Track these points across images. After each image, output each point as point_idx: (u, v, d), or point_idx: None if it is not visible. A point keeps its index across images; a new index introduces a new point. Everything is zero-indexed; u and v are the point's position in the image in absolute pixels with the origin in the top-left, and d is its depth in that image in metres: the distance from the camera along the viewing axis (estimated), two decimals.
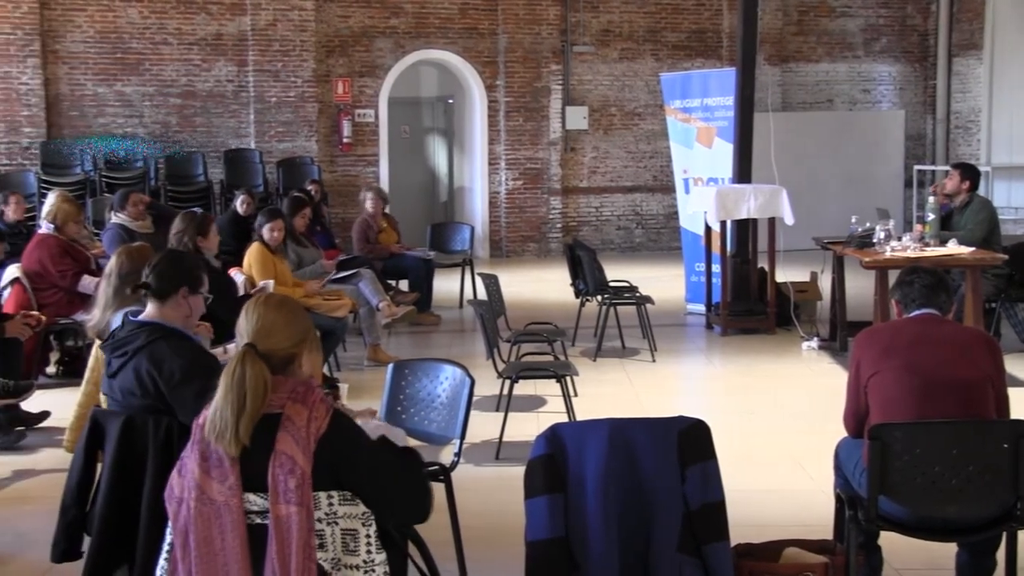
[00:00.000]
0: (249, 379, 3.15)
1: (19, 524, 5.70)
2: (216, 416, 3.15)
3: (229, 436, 3.13)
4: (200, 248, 7.31)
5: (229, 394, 3.14)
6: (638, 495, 3.59)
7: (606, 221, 18.33)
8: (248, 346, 3.23)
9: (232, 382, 3.15)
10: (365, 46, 16.93)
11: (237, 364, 3.17)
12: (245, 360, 3.18)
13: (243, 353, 3.20)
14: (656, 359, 9.58)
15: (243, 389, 3.14)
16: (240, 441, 3.12)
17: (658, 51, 18.10)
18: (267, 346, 3.25)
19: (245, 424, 3.13)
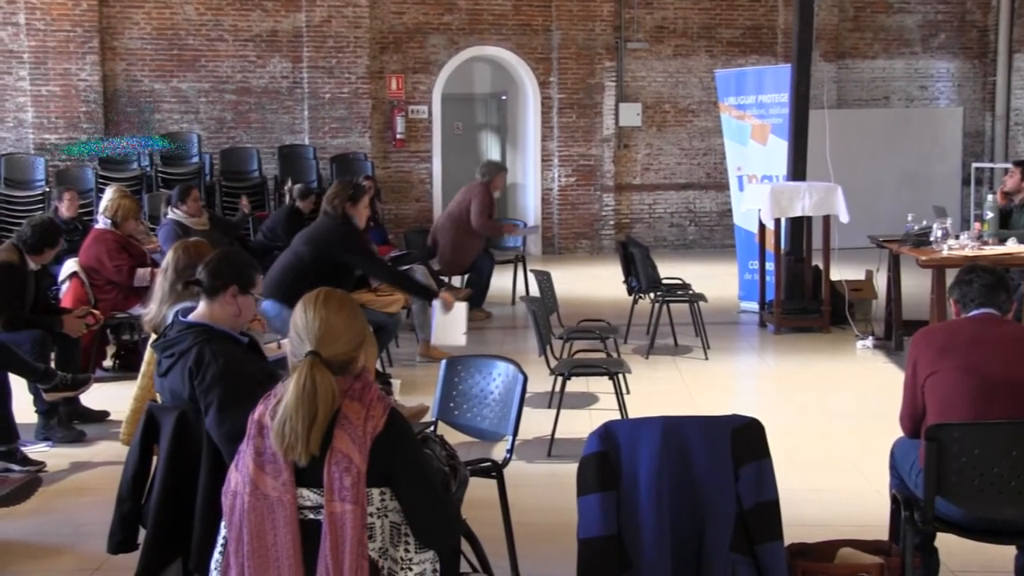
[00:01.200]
0: (320, 391, 3.13)
1: (77, 515, 5.78)
2: (285, 428, 3.12)
3: (300, 448, 3.11)
4: (348, 214, 7.50)
5: (300, 407, 3.11)
6: (691, 493, 3.56)
7: (659, 218, 18.25)
8: (313, 355, 3.21)
9: (303, 394, 3.12)
10: (419, 42, 16.97)
11: (306, 376, 3.15)
12: (313, 371, 3.16)
13: (310, 363, 3.17)
14: (709, 357, 9.53)
15: (314, 401, 3.12)
16: (311, 452, 3.12)
17: (712, 47, 17.99)
18: (330, 352, 3.23)
19: (316, 435, 3.12)
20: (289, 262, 7.65)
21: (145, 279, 8.65)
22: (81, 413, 7.45)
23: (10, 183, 14.56)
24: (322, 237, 7.68)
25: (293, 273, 7.49)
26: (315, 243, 7.68)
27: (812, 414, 7.77)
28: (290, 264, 7.61)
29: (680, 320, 10.08)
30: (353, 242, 7.76)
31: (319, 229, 7.87)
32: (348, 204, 7.77)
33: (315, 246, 7.64)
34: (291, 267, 7.58)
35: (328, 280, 6.47)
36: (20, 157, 15.01)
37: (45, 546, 5.36)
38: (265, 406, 3.27)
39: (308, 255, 7.63)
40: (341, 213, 7.71)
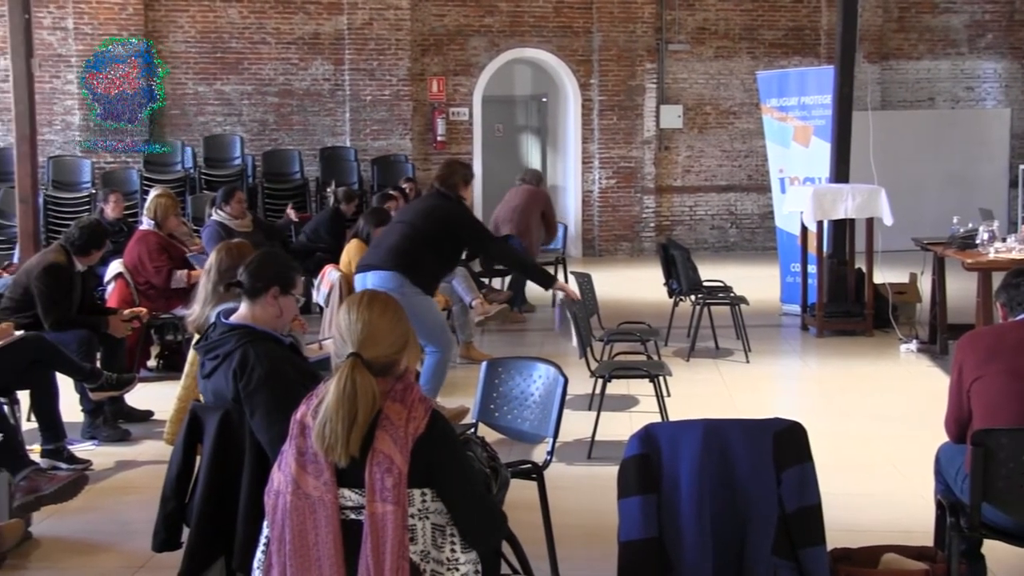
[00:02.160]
0: (360, 393, 3.14)
1: (122, 513, 5.83)
2: (325, 429, 3.13)
3: (340, 449, 3.13)
4: (462, 196, 7.43)
5: (340, 408, 3.12)
6: (732, 497, 3.54)
7: (700, 220, 18.19)
8: (355, 356, 3.22)
9: (343, 396, 3.13)
10: (460, 45, 17.01)
11: (347, 378, 3.16)
12: (354, 372, 3.16)
13: (351, 365, 3.17)
14: (750, 360, 9.48)
15: (355, 403, 3.13)
16: (350, 453, 3.14)
17: (754, 49, 17.91)
18: (372, 354, 3.23)
19: (355, 436, 3.13)
20: (405, 235, 7.24)
21: (182, 281, 8.72)
22: (126, 412, 7.52)
23: (57, 185, 14.73)
24: (448, 216, 7.28)
25: (411, 244, 7.14)
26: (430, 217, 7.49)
27: (855, 418, 7.71)
28: (407, 236, 7.22)
29: (721, 323, 10.03)
30: (476, 223, 7.63)
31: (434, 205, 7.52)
32: (462, 185, 7.59)
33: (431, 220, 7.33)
34: (408, 239, 7.19)
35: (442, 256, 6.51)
36: (67, 159, 15.18)
37: (91, 543, 5.41)
38: (307, 406, 3.28)
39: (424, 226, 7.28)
40: (457, 195, 7.48)
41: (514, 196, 12.01)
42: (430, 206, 7.39)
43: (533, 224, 11.80)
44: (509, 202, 11.99)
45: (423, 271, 7.02)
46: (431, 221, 7.21)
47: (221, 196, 10.31)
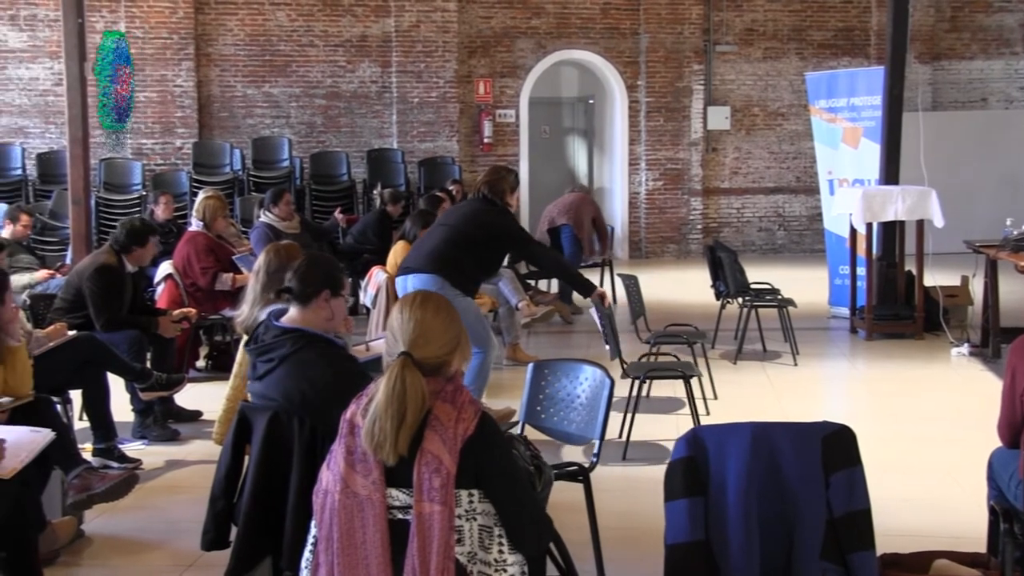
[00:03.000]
0: (409, 392, 3.15)
1: (171, 512, 5.89)
2: (375, 428, 3.15)
3: (388, 448, 3.14)
4: (508, 203, 7.44)
5: (389, 407, 3.14)
6: (780, 500, 3.52)
7: (747, 222, 18.09)
8: (405, 355, 3.23)
9: (392, 395, 3.15)
10: (507, 46, 17.03)
11: (397, 377, 3.17)
12: (404, 371, 3.18)
13: (401, 364, 3.19)
14: (798, 363, 9.41)
15: (404, 402, 3.14)
16: (398, 452, 3.15)
17: (803, 50, 17.79)
18: (423, 354, 3.24)
19: (404, 436, 3.14)
20: (447, 238, 7.23)
21: (226, 284, 8.79)
22: (175, 412, 7.59)
23: (109, 187, 14.90)
24: (492, 222, 7.26)
25: (452, 248, 7.12)
26: (473, 222, 7.44)
27: (905, 421, 7.63)
28: (448, 240, 7.20)
29: (769, 325, 9.97)
30: (519, 229, 7.58)
31: (477, 210, 7.46)
32: (508, 192, 7.58)
33: (475, 224, 7.30)
34: (450, 242, 7.17)
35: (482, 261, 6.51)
36: (118, 162, 15.35)
37: (142, 541, 5.47)
38: (357, 405, 3.30)
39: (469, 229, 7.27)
40: (503, 201, 7.49)
41: (566, 197, 12.33)
42: (474, 210, 7.37)
43: (586, 223, 11.94)
44: (563, 199, 12.32)
45: (463, 274, 7.01)
46: (474, 226, 7.19)
47: (269, 198, 10.39)
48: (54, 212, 13.61)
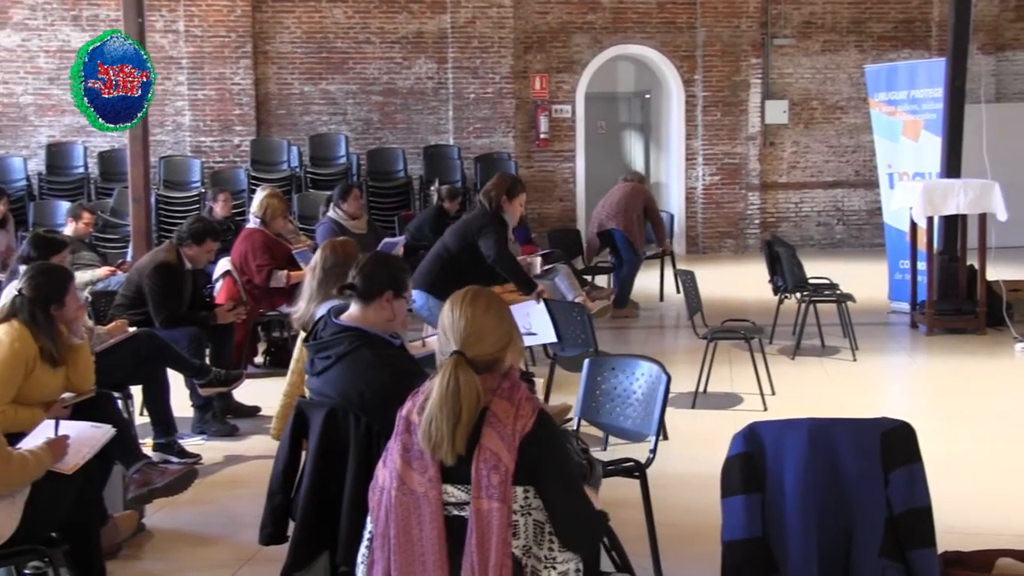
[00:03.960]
0: (463, 391, 3.15)
1: (230, 507, 5.94)
2: (431, 428, 3.15)
3: (446, 448, 3.15)
4: (502, 208, 7.56)
5: (444, 407, 3.14)
6: (839, 497, 3.48)
7: (805, 217, 17.92)
8: (458, 354, 3.23)
9: (447, 394, 3.15)
10: (563, 42, 17.00)
11: (450, 376, 3.17)
12: (457, 370, 3.18)
13: (454, 363, 3.19)
14: (857, 358, 9.31)
15: (458, 401, 3.14)
16: (456, 451, 3.15)
17: (862, 42, 17.58)
18: (475, 352, 3.24)
19: (460, 434, 3.14)
20: (436, 253, 7.66)
21: (281, 281, 8.85)
22: (234, 408, 7.67)
23: (168, 184, 15.07)
24: (469, 226, 7.67)
25: (439, 263, 7.49)
26: (461, 233, 7.68)
27: (967, 418, 7.53)
28: (437, 255, 7.62)
29: (827, 320, 9.88)
30: (492, 229, 7.68)
31: (468, 219, 7.88)
32: (504, 198, 7.70)
33: (460, 236, 7.65)
34: (438, 257, 7.58)
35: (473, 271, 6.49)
36: (177, 159, 15.53)
37: (201, 535, 5.53)
38: (413, 403, 3.31)
39: (454, 246, 7.64)
40: (497, 206, 7.63)
41: (615, 192, 11.95)
42: (464, 221, 7.62)
43: (634, 219, 11.69)
44: (610, 197, 11.94)
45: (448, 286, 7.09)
46: (456, 237, 7.49)
47: (338, 193, 10.37)
48: (115, 210, 13.79)
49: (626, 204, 11.65)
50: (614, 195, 11.86)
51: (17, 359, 4.86)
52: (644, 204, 11.78)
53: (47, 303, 4.98)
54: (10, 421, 4.69)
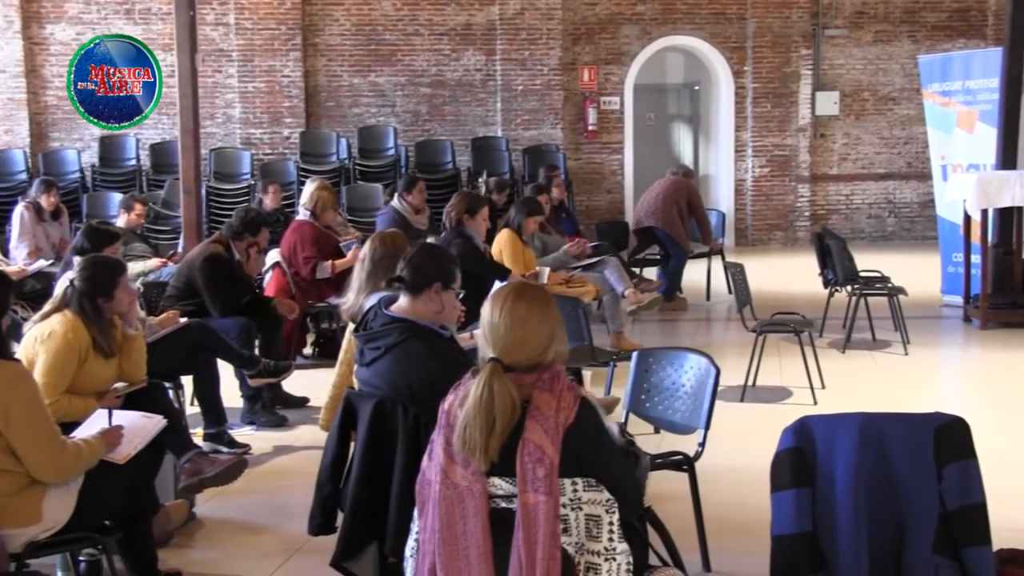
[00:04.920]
0: (497, 401, 3.15)
1: (279, 497, 5.99)
2: (466, 433, 3.16)
3: (479, 455, 3.15)
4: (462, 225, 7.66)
5: (478, 416, 3.15)
6: (891, 493, 3.45)
7: (856, 209, 17.75)
8: (495, 362, 3.22)
9: (480, 404, 3.15)
10: (611, 33, 16.93)
11: (484, 385, 3.16)
12: (492, 380, 3.17)
13: (490, 372, 3.19)
14: (909, 352, 9.21)
15: (491, 412, 3.14)
16: (489, 458, 3.15)
17: (916, 32, 17.37)
18: (514, 359, 3.24)
19: (494, 444, 3.14)
20: None
21: (326, 272, 8.89)
22: (283, 398, 7.71)
23: (219, 176, 15.19)
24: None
25: None
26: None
27: (1022, 413, 7.42)
28: None
29: (878, 314, 9.78)
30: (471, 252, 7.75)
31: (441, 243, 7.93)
32: (466, 217, 7.86)
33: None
34: None
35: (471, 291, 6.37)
36: (228, 151, 15.64)
37: (251, 525, 5.58)
38: (455, 396, 3.30)
39: None
40: (456, 224, 7.84)
41: (656, 187, 11.83)
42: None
43: (676, 214, 11.50)
44: (650, 192, 11.83)
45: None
46: None
47: (403, 185, 10.39)
48: (166, 201, 13.91)
49: (664, 199, 11.49)
50: (654, 190, 11.73)
51: (71, 349, 4.92)
52: (687, 199, 11.64)
53: (95, 295, 5.03)
54: (64, 411, 4.75)
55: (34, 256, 10.19)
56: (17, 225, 10.49)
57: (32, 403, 3.99)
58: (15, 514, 3.96)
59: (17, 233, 10.45)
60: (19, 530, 3.98)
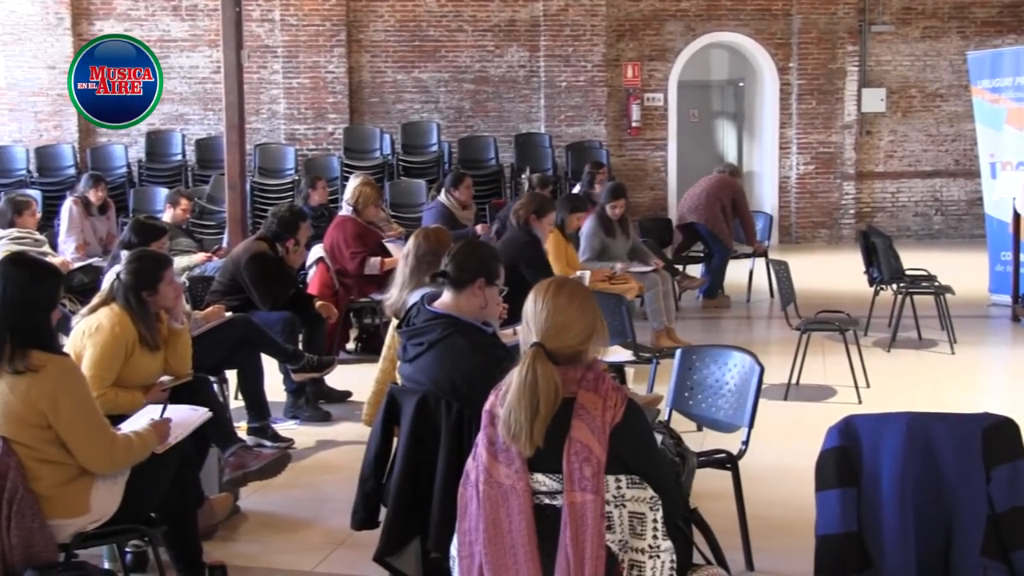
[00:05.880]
0: (541, 383, 3.15)
1: (322, 491, 6.02)
2: (510, 419, 3.17)
3: (524, 439, 3.15)
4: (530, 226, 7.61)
5: (522, 399, 3.15)
6: (938, 494, 3.41)
7: (902, 207, 17.59)
8: (537, 346, 3.22)
9: (524, 386, 3.16)
10: (655, 30, 16.87)
11: (528, 368, 3.17)
12: (536, 363, 3.18)
13: (533, 355, 3.20)
14: (955, 352, 9.12)
15: (535, 393, 3.15)
16: (535, 443, 3.15)
17: (965, 28, 17.17)
18: (556, 345, 3.24)
19: (539, 427, 3.15)
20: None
21: (375, 268, 8.90)
22: (326, 393, 7.75)
23: (263, 171, 15.27)
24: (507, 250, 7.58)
25: None
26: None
27: None
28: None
29: (924, 313, 9.69)
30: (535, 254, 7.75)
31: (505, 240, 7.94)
32: (533, 216, 7.84)
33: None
34: None
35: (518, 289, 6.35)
36: (272, 147, 15.73)
37: (294, 519, 5.61)
38: (496, 396, 3.31)
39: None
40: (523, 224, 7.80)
41: (700, 183, 11.77)
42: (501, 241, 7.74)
43: (719, 211, 11.42)
44: (694, 189, 11.79)
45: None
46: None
47: (450, 180, 10.41)
48: (212, 196, 14.01)
49: (708, 196, 11.44)
50: (699, 186, 11.69)
51: (118, 343, 4.97)
52: (732, 197, 11.56)
53: (141, 289, 5.08)
54: (111, 404, 4.79)
55: (82, 251, 10.29)
56: (66, 219, 10.60)
57: (81, 396, 4.03)
58: (64, 505, 4.01)
59: (66, 227, 10.56)
60: (68, 521, 4.03)
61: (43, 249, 9.65)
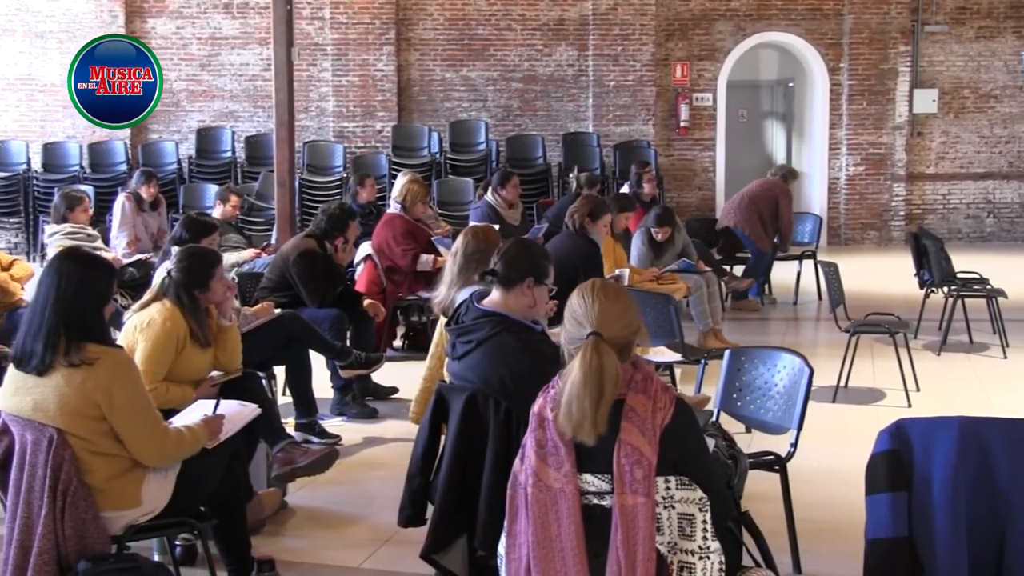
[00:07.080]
0: (606, 368, 3.16)
1: (369, 488, 6.05)
2: (573, 407, 3.16)
3: (588, 425, 3.15)
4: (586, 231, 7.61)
5: (588, 384, 3.15)
6: (991, 499, 3.38)
7: (954, 209, 17.39)
8: (596, 335, 3.23)
9: (590, 371, 3.15)
10: (705, 29, 16.80)
11: (591, 354, 3.18)
12: (598, 349, 3.18)
13: (593, 343, 3.20)
14: (1008, 356, 9.01)
15: (600, 378, 3.15)
16: (598, 429, 3.15)
17: (1021, 28, 16.93)
18: (611, 334, 3.25)
19: (602, 412, 3.15)
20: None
21: (428, 265, 8.92)
22: (373, 389, 7.77)
23: (312, 169, 15.37)
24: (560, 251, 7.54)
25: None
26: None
27: None
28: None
29: (976, 316, 9.57)
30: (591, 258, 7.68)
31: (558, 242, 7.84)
32: (587, 219, 7.80)
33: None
34: None
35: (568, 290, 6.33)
36: (321, 144, 15.82)
37: (341, 515, 5.64)
38: (544, 398, 3.31)
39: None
40: (579, 227, 7.75)
41: (752, 185, 11.70)
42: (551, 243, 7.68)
43: (754, 214, 11.29)
44: (743, 190, 11.72)
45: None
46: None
47: (497, 179, 10.40)
48: (261, 193, 14.11)
49: (749, 200, 11.34)
50: (747, 187, 11.62)
51: (169, 338, 5.02)
52: (776, 200, 11.43)
53: (192, 286, 5.13)
54: (162, 398, 4.83)
55: (134, 246, 10.39)
56: (118, 215, 10.71)
57: (135, 389, 4.08)
58: (116, 497, 4.06)
59: (118, 223, 10.67)
60: (120, 513, 4.08)
61: (95, 244, 9.73)
